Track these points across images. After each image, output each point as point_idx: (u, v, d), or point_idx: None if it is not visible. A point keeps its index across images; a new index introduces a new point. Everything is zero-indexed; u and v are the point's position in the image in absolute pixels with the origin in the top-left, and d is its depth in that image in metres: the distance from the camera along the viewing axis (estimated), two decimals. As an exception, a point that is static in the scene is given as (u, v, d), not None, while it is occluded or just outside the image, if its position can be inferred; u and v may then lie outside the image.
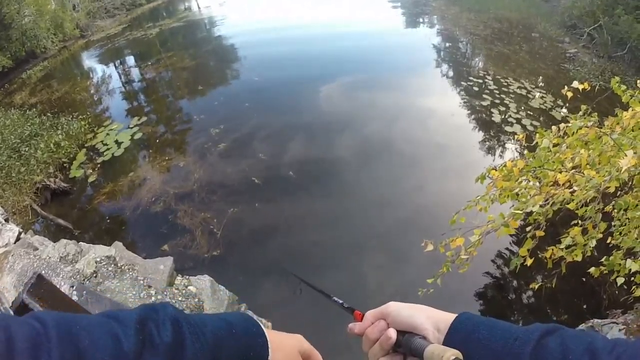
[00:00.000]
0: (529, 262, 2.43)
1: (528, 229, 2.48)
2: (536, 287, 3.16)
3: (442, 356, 0.53)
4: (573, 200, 2.19)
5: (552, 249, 2.55)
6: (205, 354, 0.54)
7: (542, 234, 2.42)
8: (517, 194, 2.43)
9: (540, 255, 2.67)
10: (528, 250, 2.41)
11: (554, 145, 2.49)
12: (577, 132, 2.31)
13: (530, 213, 2.34)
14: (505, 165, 2.57)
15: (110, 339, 0.46)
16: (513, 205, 2.47)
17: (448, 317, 0.62)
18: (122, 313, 0.52)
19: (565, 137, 2.47)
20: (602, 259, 2.76)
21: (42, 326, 0.43)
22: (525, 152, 3.17)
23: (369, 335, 0.66)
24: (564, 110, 8.68)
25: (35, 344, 0.41)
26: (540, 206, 2.27)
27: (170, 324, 0.52)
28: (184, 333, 0.53)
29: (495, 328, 0.57)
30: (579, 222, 2.48)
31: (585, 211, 2.36)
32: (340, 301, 0.79)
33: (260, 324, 0.65)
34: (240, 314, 0.65)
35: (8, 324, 0.41)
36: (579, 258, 2.44)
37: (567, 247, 2.46)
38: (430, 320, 0.62)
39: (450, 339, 0.59)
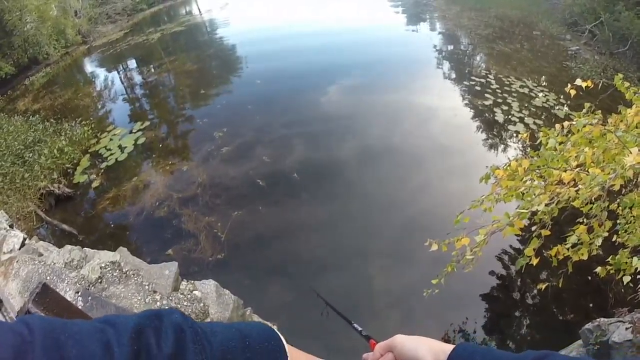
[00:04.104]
0: (535, 261, 2.42)
1: (533, 228, 2.47)
2: (543, 287, 3.14)
3: None
4: (578, 198, 2.17)
5: (558, 248, 2.53)
6: None
7: (548, 233, 2.40)
8: (522, 193, 2.42)
9: (545, 254, 2.65)
10: (534, 249, 2.39)
11: (559, 144, 2.48)
12: (581, 129, 2.30)
13: (536, 212, 2.33)
14: (509, 165, 2.56)
15: (100, 349, 0.42)
16: (519, 205, 2.45)
17: (447, 348, 0.66)
18: (120, 318, 0.48)
19: (570, 135, 2.46)
20: (609, 258, 2.74)
21: (29, 333, 0.40)
22: (529, 150, 3.16)
23: None
24: (566, 108, 8.67)
25: (19, 353, 0.38)
26: (546, 205, 2.25)
27: (172, 333, 0.48)
28: (187, 343, 0.48)
29: (488, 356, 0.61)
30: (584, 220, 2.46)
31: (591, 209, 2.35)
32: (360, 328, 0.86)
33: (281, 338, 0.60)
34: (258, 325, 0.60)
35: None
36: (585, 257, 2.43)
37: (573, 245, 2.44)
38: (432, 351, 0.66)
39: None
